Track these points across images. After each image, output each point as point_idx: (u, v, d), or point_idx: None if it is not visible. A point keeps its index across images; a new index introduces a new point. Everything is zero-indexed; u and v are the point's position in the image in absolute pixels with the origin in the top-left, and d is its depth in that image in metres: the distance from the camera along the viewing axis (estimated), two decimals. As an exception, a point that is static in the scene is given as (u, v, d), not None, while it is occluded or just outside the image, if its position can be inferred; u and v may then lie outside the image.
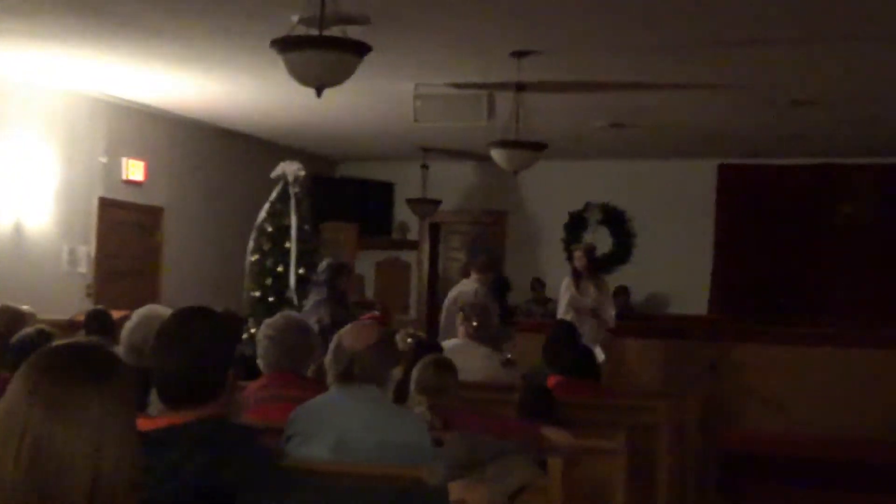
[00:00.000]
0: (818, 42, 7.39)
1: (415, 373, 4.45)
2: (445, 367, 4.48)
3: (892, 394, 9.38)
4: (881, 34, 7.13)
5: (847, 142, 11.57)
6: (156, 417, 2.74)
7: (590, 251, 10.09)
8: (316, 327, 6.87)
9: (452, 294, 9.13)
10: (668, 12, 6.78)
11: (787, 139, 11.50)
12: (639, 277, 13.27)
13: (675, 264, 13.09)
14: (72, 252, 9.96)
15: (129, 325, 4.14)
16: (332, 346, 3.71)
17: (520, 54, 7.78)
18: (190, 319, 2.90)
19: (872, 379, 9.54)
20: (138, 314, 4.16)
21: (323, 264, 8.79)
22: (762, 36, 7.23)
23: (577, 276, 9.76)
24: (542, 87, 8.64)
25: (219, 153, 12.15)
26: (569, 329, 6.64)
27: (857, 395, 9.49)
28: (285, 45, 6.04)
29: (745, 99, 9.40)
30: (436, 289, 14.36)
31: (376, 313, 9.55)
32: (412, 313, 13.95)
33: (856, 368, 9.64)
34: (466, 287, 9.02)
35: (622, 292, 12.63)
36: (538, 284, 13.17)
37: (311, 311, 8.21)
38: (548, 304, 12.44)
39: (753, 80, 8.60)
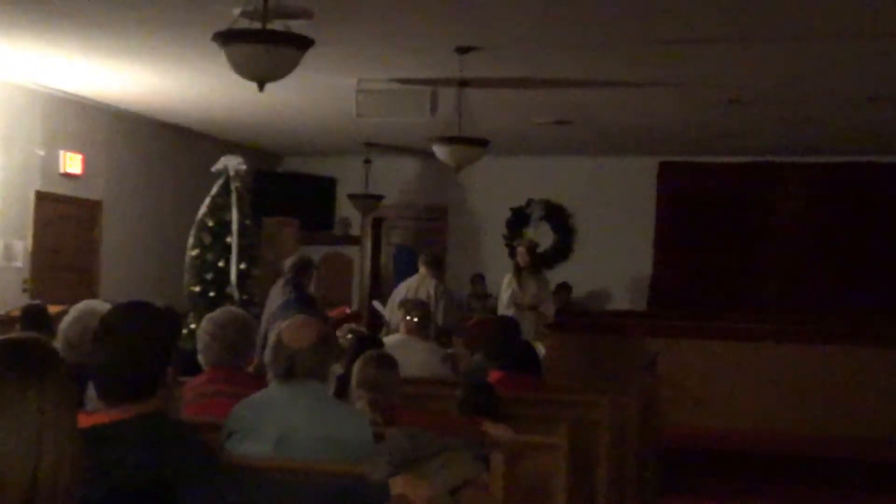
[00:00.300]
0: (756, 42, 7.49)
1: (356, 368, 4.43)
2: (386, 362, 4.47)
3: (830, 388, 9.52)
4: (816, 34, 7.24)
5: (784, 140, 11.74)
6: (93, 413, 2.72)
7: (532, 248, 10.14)
8: None
9: (409, 290, 8.99)
10: (611, 11, 6.83)
11: (726, 137, 11.65)
12: (580, 273, 13.36)
13: (616, 260, 13.20)
14: (8, 246, 9.80)
15: (66, 320, 4.09)
16: (271, 342, 3.69)
17: (463, 50, 7.79)
18: (128, 315, 2.87)
19: (811, 374, 9.67)
20: (76, 309, 4.12)
21: (288, 262, 8.65)
22: (702, 35, 7.31)
23: (518, 272, 9.81)
24: (485, 83, 8.66)
25: (158, 147, 12.02)
26: (510, 324, 6.67)
27: (796, 391, 9.61)
28: (227, 38, 5.99)
29: (685, 97, 9.49)
30: (378, 284, 14.34)
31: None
32: (354, 308, 13.91)
33: (794, 364, 9.76)
34: (425, 283, 8.93)
35: (563, 289, 12.71)
36: (479, 280, 13.21)
37: (279, 313, 8.06)
38: (488, 299, 12.48)
39: (693, 78, 8.69)
